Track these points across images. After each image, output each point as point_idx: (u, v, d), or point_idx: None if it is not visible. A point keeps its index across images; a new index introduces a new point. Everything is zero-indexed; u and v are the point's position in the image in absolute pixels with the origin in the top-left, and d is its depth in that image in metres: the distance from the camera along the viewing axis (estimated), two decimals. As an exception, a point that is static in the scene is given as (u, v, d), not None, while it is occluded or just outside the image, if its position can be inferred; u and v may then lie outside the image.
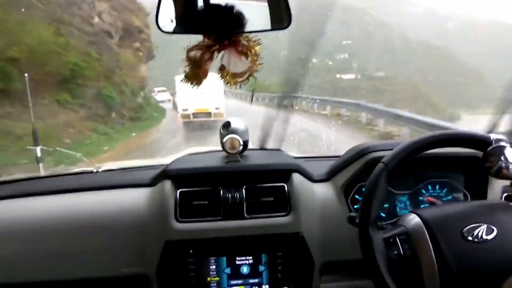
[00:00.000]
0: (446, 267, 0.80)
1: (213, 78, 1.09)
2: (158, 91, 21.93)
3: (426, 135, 0.92)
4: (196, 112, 13.79)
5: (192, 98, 12.99)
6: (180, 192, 1.20)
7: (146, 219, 1.20)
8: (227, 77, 1.04)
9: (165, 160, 1.39)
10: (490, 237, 0.82)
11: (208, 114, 13.78)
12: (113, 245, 1.19)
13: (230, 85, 1.05)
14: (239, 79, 1.04)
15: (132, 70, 17.31)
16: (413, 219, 0.88)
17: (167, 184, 1.22)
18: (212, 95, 12.92)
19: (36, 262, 1.18)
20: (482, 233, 0.82)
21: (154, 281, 1.16)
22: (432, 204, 1.31)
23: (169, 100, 20.46)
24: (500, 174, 0.87)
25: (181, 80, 1.08)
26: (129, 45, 17.83)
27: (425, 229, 0.84)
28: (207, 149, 1.49)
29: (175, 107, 17.13)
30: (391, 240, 0.87)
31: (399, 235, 0.87)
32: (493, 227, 0.83)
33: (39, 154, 5.63)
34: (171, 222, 1.16)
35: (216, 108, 13.88)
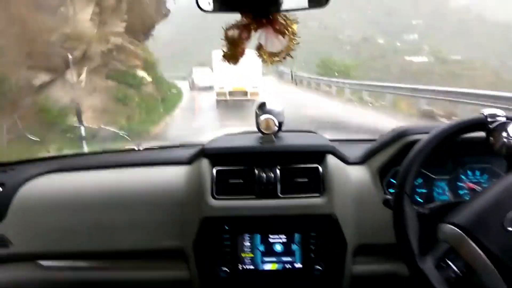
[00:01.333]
0: (504, 267, 0.78)
1: (251, 56, 1.10)
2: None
3: (424, 141, 0.93)
4: (233, 91, 13.67)
5: (229, 76, 12.78)
6: (216, 171, 1.27)
7: (184, 195, 1.28)
8: (265, 56, 1.06)
9: (202, 139, 1.44)
10: None
11: (245, 93, 13.64)
12: (153, 219, 1.29)
13: (268, 64, 1.07)
14: (276, 58, 1.06)
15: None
16: (451, 231, 0.85)
17: (205, 162, 1.29)
18: (249, 73, 12.67)
19: (81, 233, 1.30)
20: None
21: (190, 255, 1.24)
22: (473, 191, 1.27)
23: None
24: (503, 149, 0.86)
25: (220, 59, 1.10)
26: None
27: (467, 238, 0.82)
28: (243, 130, 1.52)
29: (195, 87, 16.81)
30: (443, 264, 0.85)
31: (447, 256, 0.85)
32: None
33: (83, 134, 5.98)
34: (208, 199, 1.23)
35: (254, 87, 13.65)
